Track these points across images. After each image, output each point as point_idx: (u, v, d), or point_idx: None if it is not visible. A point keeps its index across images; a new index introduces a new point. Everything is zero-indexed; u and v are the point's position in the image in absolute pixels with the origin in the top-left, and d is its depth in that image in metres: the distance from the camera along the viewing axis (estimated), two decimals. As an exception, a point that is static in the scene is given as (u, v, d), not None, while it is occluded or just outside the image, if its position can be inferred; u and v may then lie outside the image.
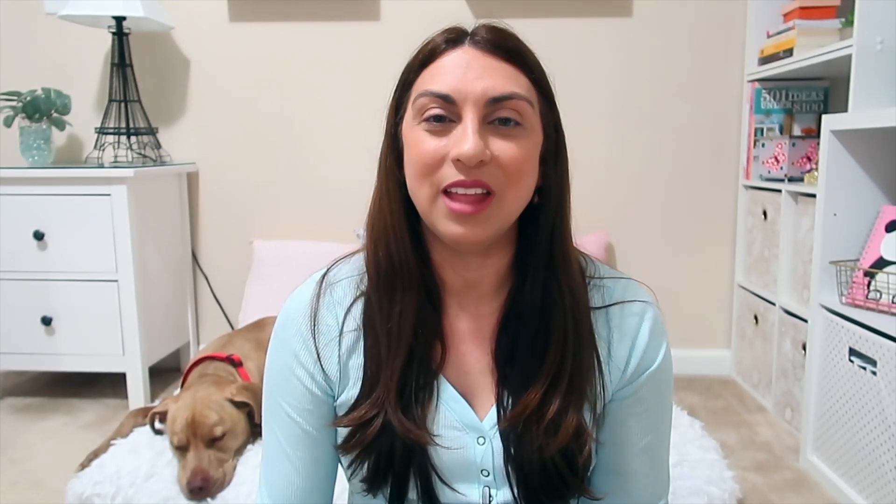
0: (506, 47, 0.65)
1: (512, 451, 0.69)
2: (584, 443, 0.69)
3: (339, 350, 0.71)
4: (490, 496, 0.71)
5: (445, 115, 0.63)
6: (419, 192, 0.65)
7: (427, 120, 0.64)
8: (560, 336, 0.68)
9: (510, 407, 0.69)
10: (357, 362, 0.71)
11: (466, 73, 0.63)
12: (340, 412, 0.72)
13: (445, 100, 0.63)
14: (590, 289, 0.73)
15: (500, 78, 0.63)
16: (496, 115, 0.63)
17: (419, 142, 0.64)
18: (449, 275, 0.72)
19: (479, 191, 0.63)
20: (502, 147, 0.63)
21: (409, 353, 0.68)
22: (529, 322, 0.69)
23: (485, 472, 0.71)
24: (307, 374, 0.72)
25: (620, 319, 0.73)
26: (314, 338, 0.72)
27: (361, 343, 0.71)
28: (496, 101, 0.63)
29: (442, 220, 0.64)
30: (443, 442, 0.69)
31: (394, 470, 0.70)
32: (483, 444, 0.70)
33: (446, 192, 0.63)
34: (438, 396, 0.70)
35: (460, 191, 0.63)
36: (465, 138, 0.61)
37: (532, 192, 0.68)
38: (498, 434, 0.70)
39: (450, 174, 0.63)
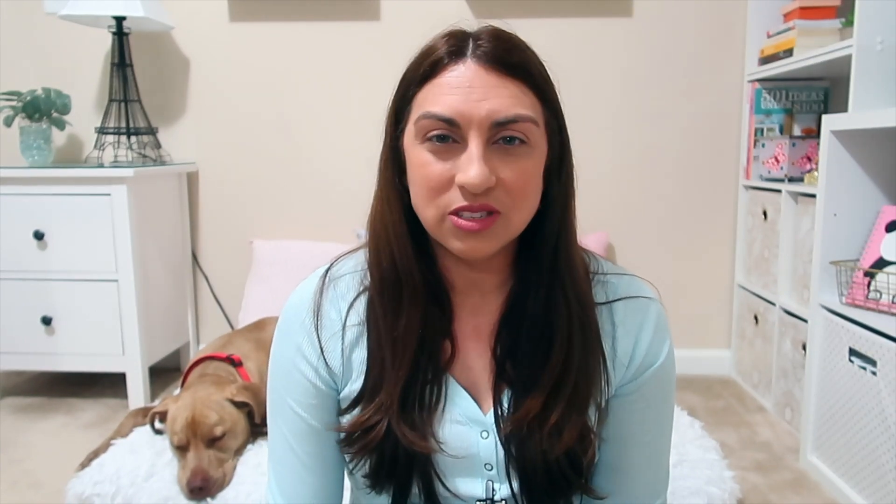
0: (510, 62, 0.63)
1: (513, 451, 0.69)
2: (588, 444, 0.69)
3: (343, 343, 0.72)
4: (493, 490, 0.72)
5: (449, 136, 0.63)
6: (426, 213, 0.65)
7: (430, 140, 0.63)
8: (563, 340, 0.68)
9: (511, 407, 0.70)
10: (360, 356, 0.71)
11: (470, 95, 0.62)
12: (344, 406, 0.73)
13: (449, 123, 0.62)
14: (594, 284, 0.73)
15: (504, 98, 0.62)
16: (501, 136, 0.63)
17: (424, 163, 0.64)
18: (453, 275, 0.72)
19: (485, 213, 0.63)
20: (507, 171, 0.63)
21: (415, 358, 0.68)
22: (532, 325, 0.69)
23: (488, 466, 0.71)
24: (311, 368, 0.72)
25: (624, 315, 0.73)
26: (317, 331, 0.72)
27: (365, 337, 0.71)
28: (501, 125, 0.62)
29: (449, 238, 0.65)
30: (448, 448, 0.69)
31: (396, 473, 0.70)
32: (486, 437, 0.71)
33: (452, 212, 0.63)
34: (446, 394, 0.70)
35: (466, 214, 0.63)
36: (471, 166, 0.61)
37: (536, 206, 0.67)
38: (500, 430, 0.70)
39: (456, 199, 0.62)
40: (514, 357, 0.70)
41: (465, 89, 0.62)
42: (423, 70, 0.65)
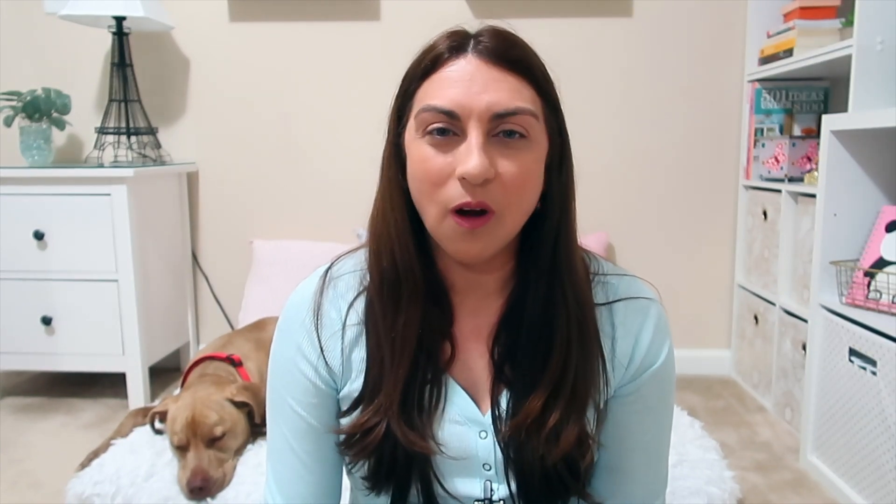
0: (511, 57, 0.63)
1: (511, 454, 0.69)
2: (586, 449, 0.69)
3: (343, 343, 0.72)
4: (492, 489, 0.72)
5: (449, 129, 0.63)
6: (427, 210, 0.65)
7: (430, 133, 0.63)
8: (563, 342, 0.68)
9: (510, 410, 0.70)
10: (360, 355, 0.72)
11: (470, 87, 0.62)
12: (343, 405, 0.73)
13: (449, 115, 0.62)
14: (594, 285, 0.73)
15: (504, 92, 0.62)
16: (501, 129, 0.63)
17: (424, 158, 0.64)
18: (454, 276, 0.72)
19: (479, 210, 0.63)
20: (506, 164, 0.63)
21: (414, 358, 0.68)
22: (532, 326, 0.69)
23: (486, 467, 0.71)
24: (311, 367, 0.72)
25: (624, 316, 0.73)
26: (317, 331, 0.72)
27: (364, 336, 0.72)
28: (501, 117, 0.62)
29: (449, 238, 0.65)
30: (448, 450, 0.69)
31: (395, 474, 0.70)
32: (485, 438, 0.71)
33: (454, 210, 0.63)
34: (445, 394, 0.70)
35: (465, 209, 0.63)
36: (471, 156, 0.61)
37: (534, 204, 0.67)
38: (500, 433, 0.70)
39: (456, 194, 0.62)
40: (512, 359, 0.70)
41: (465, 82, 0.62)
42: (424, 65, 0.65)
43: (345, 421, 0.72)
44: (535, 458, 0.68)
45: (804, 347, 1.84)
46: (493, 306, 0.72)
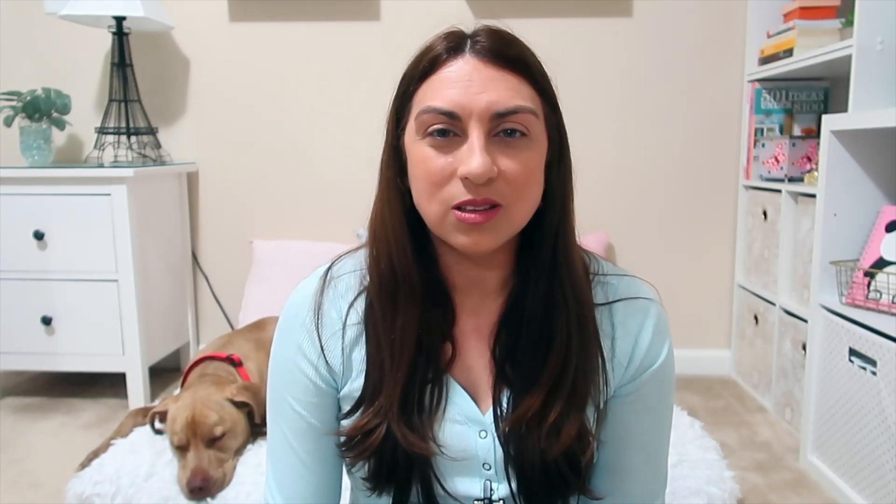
0: (508, 56, 0.64)
1: (512, 451, 0.69)
2: (586, 444, 0.69)
3: (343, 342, 0.72)
4: (491, 489, 0.72)
5: (450, 130, 0.63)
6: (429, 209, 0.65)
7: (431, 135, 0.63)
8: (563, 339, 0.68)
9: (510, 407, 0.70)
10: (360, 355, 0.72)
11: (469, 87, 0.62)
12: (344, 404, 0.73)
13: (449, 116, 0.62)
14: (594, 285, 0.73)
15: (503, 90, 0.62)
16: (501, 128, 0.63)
17: (425, 158, 0.64)
18: (454, 275, 0.72)
19: (487, 206, 0.63)
20: (508, 163, 0.63)
21: (414, 359, 0.69)
22: (532, 324, 0.69)
23: (486, 466, 0.71)
24: (311, 366, 0.72)
25: (624, 316, 0.73)
26: (318, 330, 0.72)
27: (364, 337, 0.72)
28: (501, 116, 0.62)
29: (453, 232, 0.65)
30: (448, 451, 0.69)
31: (396, 475, 0.70)
32: (485, 437, 0.71)
33: (455, 206, 0.63)
34: (446, 394, 0.71)
35: (469, 207, 0.63)
36: (473, 156, 0.61)
37: (538, 200, 0.68)
38: (499, 430, 0.70)
39: (458, 192, 0.62)
40: (513, 358, 0.70)
41: (464, 82, 0.62)
42: (423, 67, 0.65)
43: (345, 423, 0.72)
44: (535, 454, 0.68)
45: (804, 347, 1.84)
46: (493, 305, 0.73)
